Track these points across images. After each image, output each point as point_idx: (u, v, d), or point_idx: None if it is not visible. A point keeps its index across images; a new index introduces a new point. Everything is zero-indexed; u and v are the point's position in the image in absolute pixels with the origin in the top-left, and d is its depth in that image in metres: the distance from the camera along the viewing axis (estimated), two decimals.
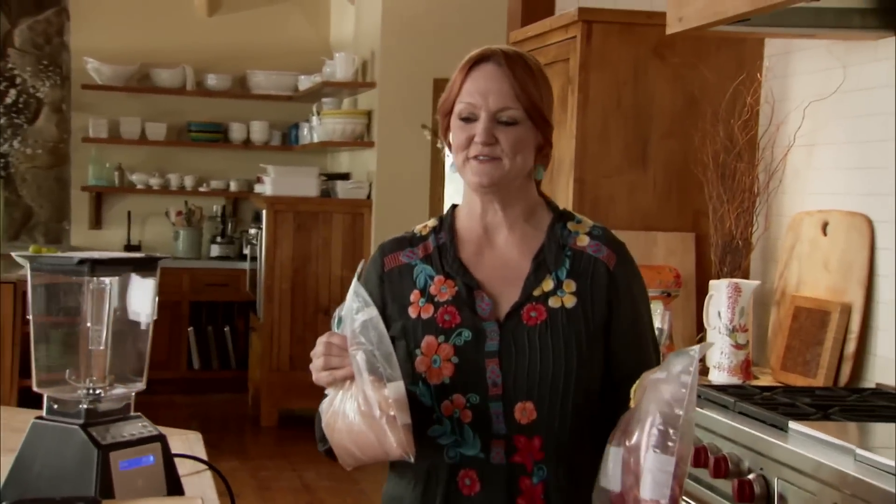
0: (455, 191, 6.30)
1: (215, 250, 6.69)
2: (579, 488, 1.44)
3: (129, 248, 6.72)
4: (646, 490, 1.30)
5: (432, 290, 1.47)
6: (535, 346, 1.43)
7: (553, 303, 1.46)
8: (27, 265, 1.35)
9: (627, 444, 1.33)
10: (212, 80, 6.68)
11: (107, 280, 1.37)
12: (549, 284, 1.47)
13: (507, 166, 1.45)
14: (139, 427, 1.41)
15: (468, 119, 1.45)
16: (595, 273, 1.49)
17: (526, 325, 1.44)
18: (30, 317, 1.37)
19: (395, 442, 1.31)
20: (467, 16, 5.58)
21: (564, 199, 2.91)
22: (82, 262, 1.34)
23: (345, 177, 6.05)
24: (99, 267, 1.35)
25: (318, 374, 1.38)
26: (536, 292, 1.47)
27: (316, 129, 5.97)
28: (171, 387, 6.37)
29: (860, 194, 2.49)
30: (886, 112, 2.43)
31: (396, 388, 1.31)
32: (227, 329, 6.58)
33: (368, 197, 5.68)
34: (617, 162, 2.88)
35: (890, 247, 2.39)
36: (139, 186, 6.68)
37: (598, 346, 1.47)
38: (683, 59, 2.84)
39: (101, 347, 1.37)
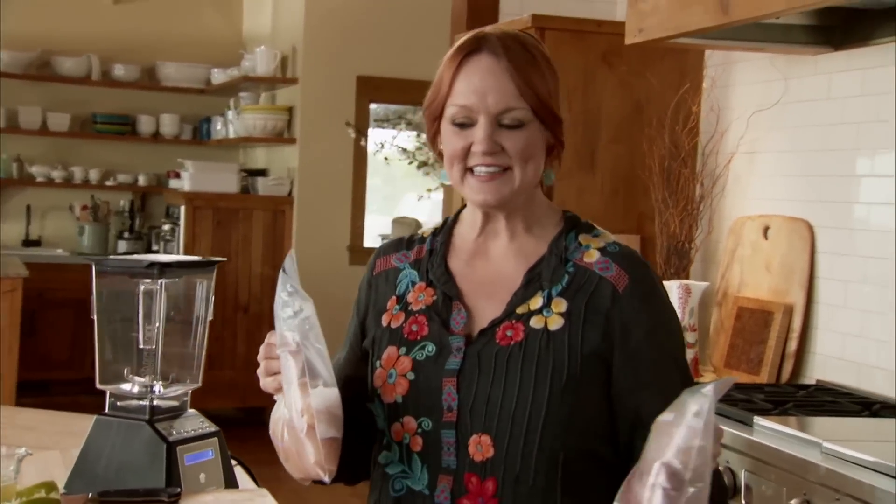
0: (375, 187, 6.27)
1: (122, 246, 6.50)
2: None
3: (27, 243, 6.47)
4: None
5: (409, 297, 1.29)
6: (502, 370, 1.21)
7: (535, 322, 1.23)
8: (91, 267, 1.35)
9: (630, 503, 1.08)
10: (119, 71, 6.49)
11: (164, 282, 1.37)
12: (537, 302, 1.24)
13: (517, 178, 1.24)
14: (198, 423, 1.45)
15: (463, 125, 1.24)
16: (596, 294, 1.24)
17: (498, 344, 1.23)
18: (93, 317, 1.39)
19: (311, 456, 1.15)
20: (394, 13, 5.60)
21: None
22: (151, 265, 1.35)
23: (262, 173, 5.98)
24: (167, 270, 1.36)
25: (263, 381, 1.22)
26: (521, 309, 1.24)
27: (233, 123, 5.88)
28: (76, 388, 6.15)
29: (801, 200, 2.63)
30: (826, 123, 2.58)
31: (322, 395, 1.15)
32: None
33: (290, 194, 5.64)
34: (566, 166, 2.91)
35: (829, 251, 2.55)
36: (39, 179, 6.43)
37: (588, 382, 1.22)
38: (630, 67, 2.95)
39: (160, 347, 1.39)
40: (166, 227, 5.94)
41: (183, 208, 5.48)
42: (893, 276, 2.34)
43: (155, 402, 1.44)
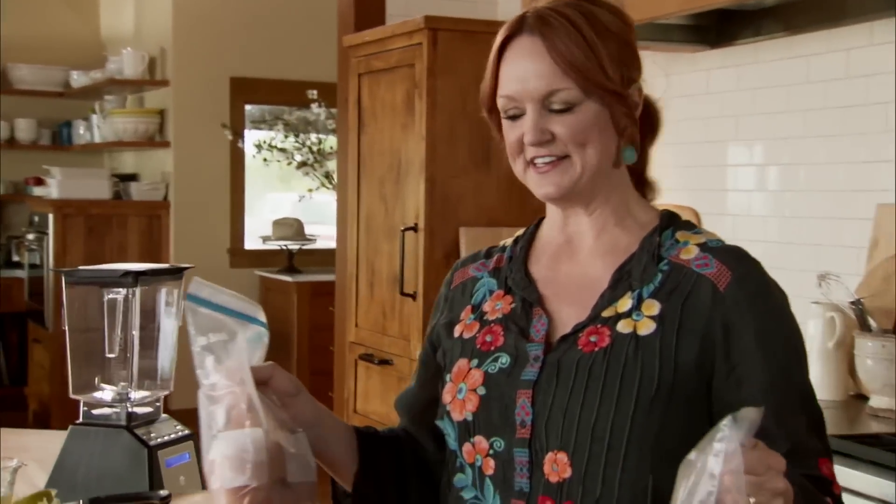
0: (254, 189, 6.18)
1: None
2: None
3: None
4: None
5: (486, 306, 1.17)
6: (582, 379, 1.05)
7: (623, 327, 1.07)
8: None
9: None
10: None
11: (136, 290, 1.36)
12: (626, 304, 1.09)
13: (577, 165, 1.10)
14: (172, 426, 1.46)
15: (515, 116, 1.11)
16: (693, 294, 1.07)
17: (581, 351, 1.07)
18: (65, 328, 1.36)
19: None
20: (266, 13, 5.55)
21: (415, 198, 3.04)
22: (126, 274, 1.34)
23: (132, 178, 5.82)
24: (142, 278, 1.35)
25: None
26: (607, 312, 1.09)
27: (100, 127, 5.69)
28: None
29: (687, 189, 2.81)
30: (706, 116, 2.77)
31: (230, 438, 0.98)
32: None
33: (165, 198, 5.51)
34: (463, 163, 3.04)
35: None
36: None
37: (683, 397, 1.04)
38: None
39: (136, 354, 1.38)
40: (31, 236, 5.69)
41: (51, 216, 5.27)
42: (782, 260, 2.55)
43: (131, 409, 1.44)
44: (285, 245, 5.47)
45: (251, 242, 5.67)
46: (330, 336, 3.89)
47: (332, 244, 3.86)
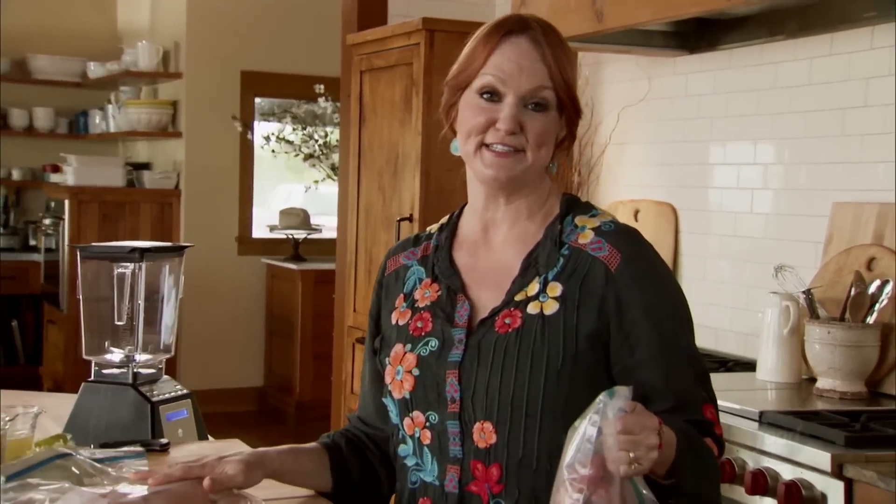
0: (262, 179, 6.37)
1: None
2: None
3: None
4: None
5: (416, 294, 1.32)
6: (500, 358, 1.22)
7: (532, 308, 1.24)
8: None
9: None
10: None
11: (142, 265, 1.55)
12: (534, 288, 1.26)
13: (529, 160, 1.26)
14: (172, 386, 1.65)
15: (492, 96, 1.25)
16: (589, 274, 1.24)
17: (497, 333, 1.24)
18: (79, 297, 1.55)
19: None
20: (276, 8, 5.73)
21: (411, 190, 3.21)
22: (133, 250, 1.53)
23: (145, 166, 6.02)
24: (147, 254, 1.54)
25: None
26: (519, 296, 1.26)
27: (115, 117, 5.88)
28: None
29: (666, 186, 2.98)
30: (684, 118, 2.93)
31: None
32: (14, 323, 6.33)
33: (177, 187, 5.70)
34: (456, 157, 3.20)
35: (691, 230, 2.90)
36: None
37: (586, 364, 1.22)
38: None
39: (141, 322, 1.56)
40: (47, 221, 5.89)
41: (67, 202, 5.47)
42: (744, 252, 2.70)
43: (136, 370, 1.63)
44: (291, 234, 5.65)
45: (259, 231, 5.86)
46: (332, 322, 4.06)
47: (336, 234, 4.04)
